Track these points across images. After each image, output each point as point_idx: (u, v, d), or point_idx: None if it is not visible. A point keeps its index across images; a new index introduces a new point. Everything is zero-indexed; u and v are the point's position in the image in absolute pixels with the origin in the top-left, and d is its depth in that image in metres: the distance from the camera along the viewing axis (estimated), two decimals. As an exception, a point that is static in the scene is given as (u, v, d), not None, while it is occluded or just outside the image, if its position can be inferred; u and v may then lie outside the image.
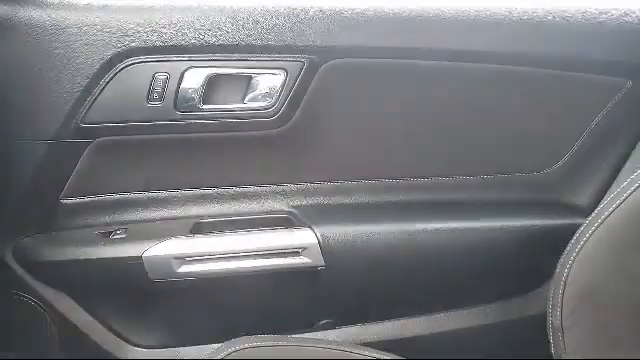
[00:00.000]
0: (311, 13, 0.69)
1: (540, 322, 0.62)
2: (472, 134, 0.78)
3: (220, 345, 0.62)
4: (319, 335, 0.79)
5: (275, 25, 0.69)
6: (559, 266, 0.60)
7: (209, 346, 0.77)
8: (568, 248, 0.60)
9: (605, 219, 0.59)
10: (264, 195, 0.78)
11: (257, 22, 0.68)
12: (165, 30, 0.67)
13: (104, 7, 0.67)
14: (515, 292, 0.81)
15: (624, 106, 0.74)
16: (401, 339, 0.79)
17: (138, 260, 0.70)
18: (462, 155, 0.79)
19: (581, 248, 0.60)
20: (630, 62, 0.71)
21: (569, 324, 0.61)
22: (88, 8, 0.67)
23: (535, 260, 0.74)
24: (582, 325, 0.61)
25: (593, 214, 0.60)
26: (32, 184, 0.71)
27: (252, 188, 0.78)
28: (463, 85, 0.75)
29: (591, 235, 0.60)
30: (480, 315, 0.80)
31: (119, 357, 0.77)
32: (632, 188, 0.58)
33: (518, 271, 0.77)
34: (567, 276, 0.60)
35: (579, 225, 0.60)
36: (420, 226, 0.75)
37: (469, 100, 0.76)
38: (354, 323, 0.79)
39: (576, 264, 0.60)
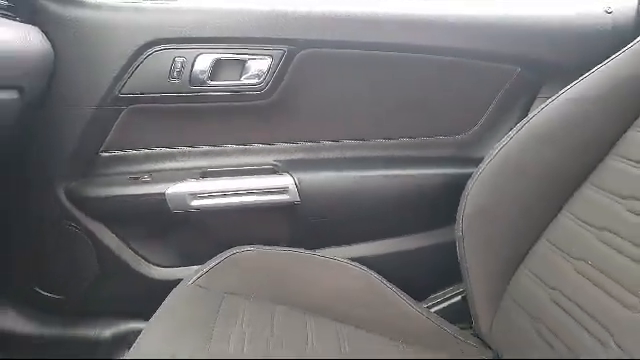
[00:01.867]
0: (290, 14, 0.94)
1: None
2: (410, 107, 1.03)
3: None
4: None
5: (263, 23, 0.93)
6: (464, 190, 0.87)
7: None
8: (472, 176, 0.86)
9: (498, 152, 0.84)
10: (255, 151, 1.02)
11: (250, 20, 0.93)
12: (183, 26, 0.90)
13: (138, 9, 0.91)
14: (442, 222, 1.05)
15: (517, 86, 1.02)
16: (357, 258, 1.04)
17: (162, 196, 0.94)
18: (403, 122, 1.04)
19: (479, 175, 0.85)
20: (517, 53, 0.98)
21: (466, 234, 0.87)
22: (125, 9, 0.90)
23: (456, 198, 1.00)
24: (475, 236, 0.86)
25: (492, 149, 0.85)
26: (80, 140, 0.94)
27: (246, 146, 1.02)
28: (404, 70, 1.00)
29: (488, 164, 0.85)
30: (415, 240, 1.06)
31: (144, 274, 1.01)
32: (515, 130, 0.84)
33: (444, 206, 0.98)
34: (467, 197, 0.86)
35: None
36: (371, 173, 1.01)
37: (408, 82, 1.01)
38: (322, 247, 1.05)
39: (474, 187, 0.85)
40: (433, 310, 0.98)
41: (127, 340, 0.99)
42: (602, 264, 0.67)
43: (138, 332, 0.70)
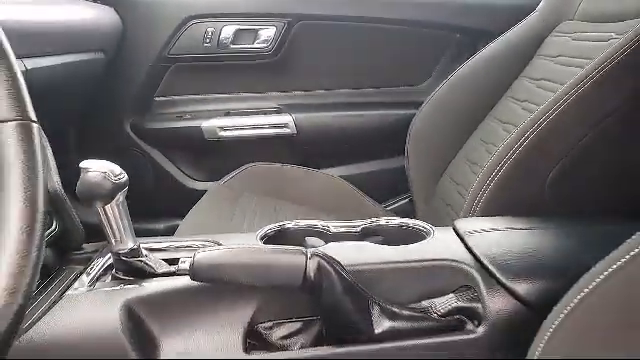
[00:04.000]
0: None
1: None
2: (380, 64, 1.39)
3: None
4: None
5: (269, 2, 1.29)
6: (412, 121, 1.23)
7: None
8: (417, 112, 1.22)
9: (434, 95, 1.18)
10: (264, 97, 1.40)
11: (260, 0, 1.29)
12: (212, 5, 1.27)
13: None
14: (401, 150, 1.37)
15: (457, 48, 1.36)
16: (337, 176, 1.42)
17: (199, 129, 1.33)
18: (373, 76, 1.40)
19: (421, 111, 1.20)
20: (456, 23, 1.32)
21: (410, 153, 1.23)
22: (173, -7, 1.28)
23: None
24: (416, 153, 1.21)
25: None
26: (140, 88, 1.32)
27: (257, 94, 1.39)
28: (375, 37, 1.35)
29: (426, 104, 1.20)
30: (381, 163, 1.41)
31: (185, 185, 1.40)
32: (446, 80, 1.19)
33: (403, 138, 1.31)
34: (413, 125, 1.21)
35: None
36: (351, 113, 1.38)
37: (378, 46, 1.36)
38: (312, 168, 1.42)
39: (417, 119, 1.19)
40: (389, 209, 1.37)
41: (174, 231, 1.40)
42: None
43: None
